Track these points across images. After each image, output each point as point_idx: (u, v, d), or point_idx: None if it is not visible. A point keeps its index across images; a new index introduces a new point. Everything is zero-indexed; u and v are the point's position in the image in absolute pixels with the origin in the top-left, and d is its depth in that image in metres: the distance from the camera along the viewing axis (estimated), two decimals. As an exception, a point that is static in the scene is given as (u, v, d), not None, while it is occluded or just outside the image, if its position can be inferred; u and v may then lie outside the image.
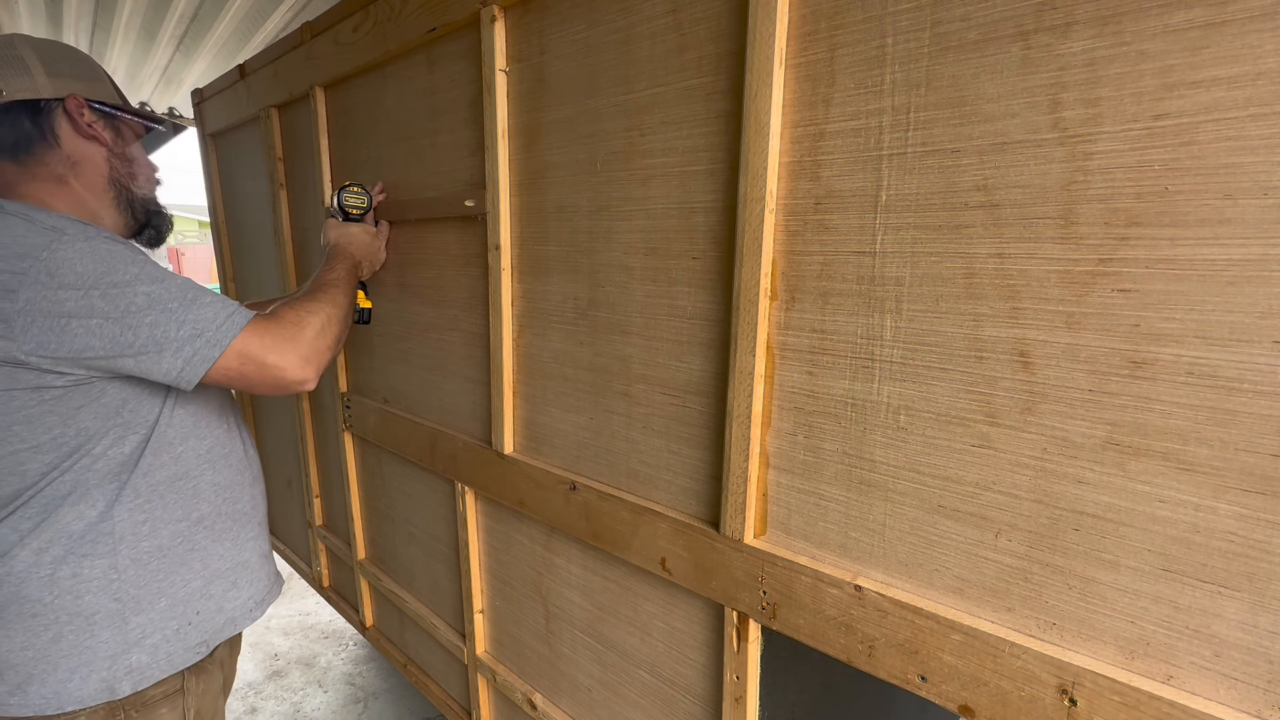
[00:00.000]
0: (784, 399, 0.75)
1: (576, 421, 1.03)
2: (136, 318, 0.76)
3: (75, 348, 0.74)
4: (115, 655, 0.83)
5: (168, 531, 0.88)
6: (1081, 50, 0.52)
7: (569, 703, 1.17)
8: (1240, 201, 0.47)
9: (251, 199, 1.95)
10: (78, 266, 0.73)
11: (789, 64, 0.69)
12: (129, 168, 0.95)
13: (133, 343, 0.76)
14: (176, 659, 0.89)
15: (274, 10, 2.87)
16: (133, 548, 0.85)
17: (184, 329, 0.78)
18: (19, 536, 0.79)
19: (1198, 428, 0.50)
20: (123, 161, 0.94)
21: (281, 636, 2.52)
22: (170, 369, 0.79)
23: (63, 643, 0.81)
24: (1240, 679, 0.51)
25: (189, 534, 0.91)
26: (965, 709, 0.64)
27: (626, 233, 0.90)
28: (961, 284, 0.60)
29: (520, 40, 0.99)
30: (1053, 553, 0.59)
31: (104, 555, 0.82)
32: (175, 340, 0.78)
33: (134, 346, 0.76)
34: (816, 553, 0.75)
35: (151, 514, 0.86)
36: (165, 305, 0.78)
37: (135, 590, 0.85)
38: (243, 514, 1.00)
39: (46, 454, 0.78)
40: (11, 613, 0.79)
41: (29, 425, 0.76)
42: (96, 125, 0.90)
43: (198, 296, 0.81)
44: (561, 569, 1.12)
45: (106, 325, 0.75)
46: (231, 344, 0.81)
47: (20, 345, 0.72)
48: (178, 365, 0.79)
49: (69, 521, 0.80)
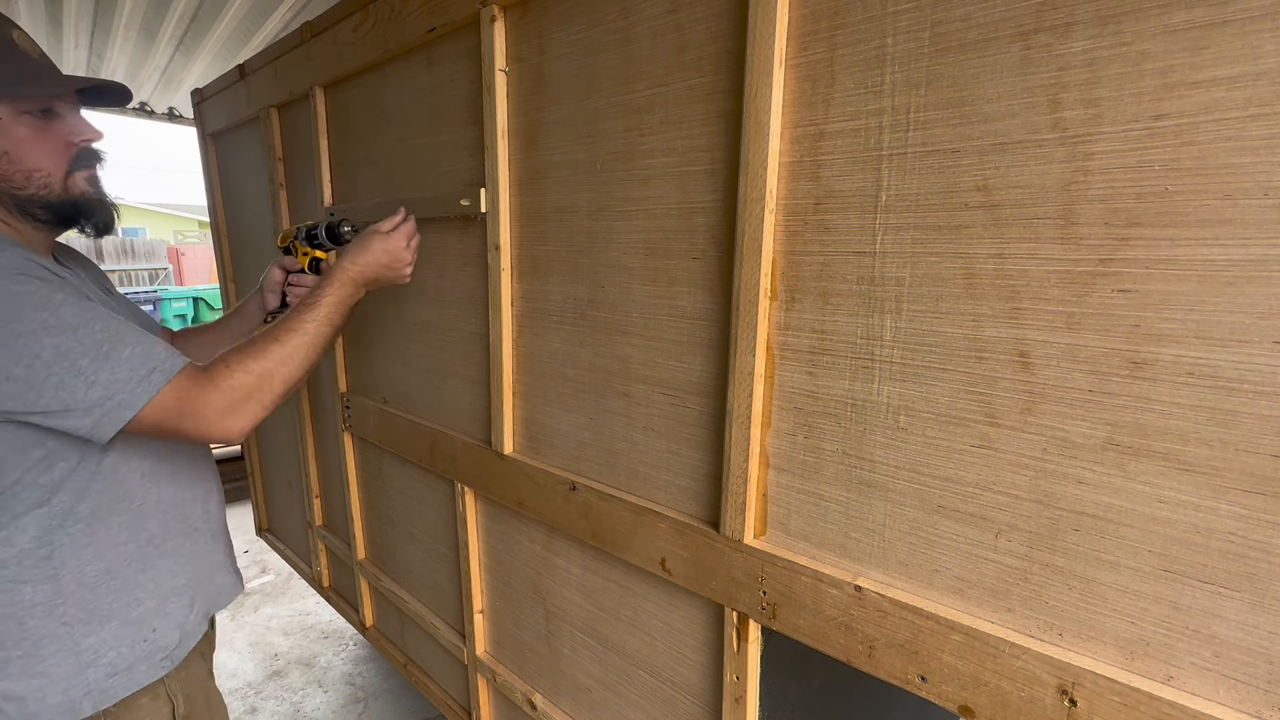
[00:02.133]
0: (784, 399, 0.75)
1: (576, 421, 1.03)
2: (41, 375, 0.70)
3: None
4: (70, 676, 0.81)
5: (114, 554, 0.85)
6: (1081, 50, 0.52)
7: (569, 703, 1.17)
8: (1240, 202, 0.46)
9: (251, 199, 1.95)
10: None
11: (789, 64, 0.69)
12: (4, 167, 0.78)
13: (36, 402, 0.70)
14: (140, 675, 0.86)
15: (274, 10, 2.87)
16: (76, 572, 0.81)
17: (93, 390, 0.72)
18: None
19: (1198, 428, 0.50)
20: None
21: (281, 636, 2.52)
22: (79, 428, 0.73)
23: (11, 668, 0.79)
24: (1240, 679, 0.51)
25: (138, 555, 0.87)
26: (965, 709, 0.64)
27: (626, 233, 0.90)
28: (961, 284, 0.60)
29: (520, 40, 0.99)
30: (1053, 553, 0.59)
31: (45, 581, 0.79)
32: (83, 402, 0.72)
33: (38, 405, 0.71)
34: (816, 553, 0.75)
35: (95, 538, 0.83)
36: (74, 361, 0.71)
37: (82, 613, 0.82)
38: (194, 529, 0.95)
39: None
40: None
41: None
42: None
43: (114, 349, 0.73)
44: (561, 569, 1.12)
45: (7, 384, 0.69)
46: (145, 407, 0.75)
47: None
48: (86, 425, 0.73)
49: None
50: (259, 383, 0.84)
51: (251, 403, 0.83)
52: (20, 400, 0.70)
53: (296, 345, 0.90)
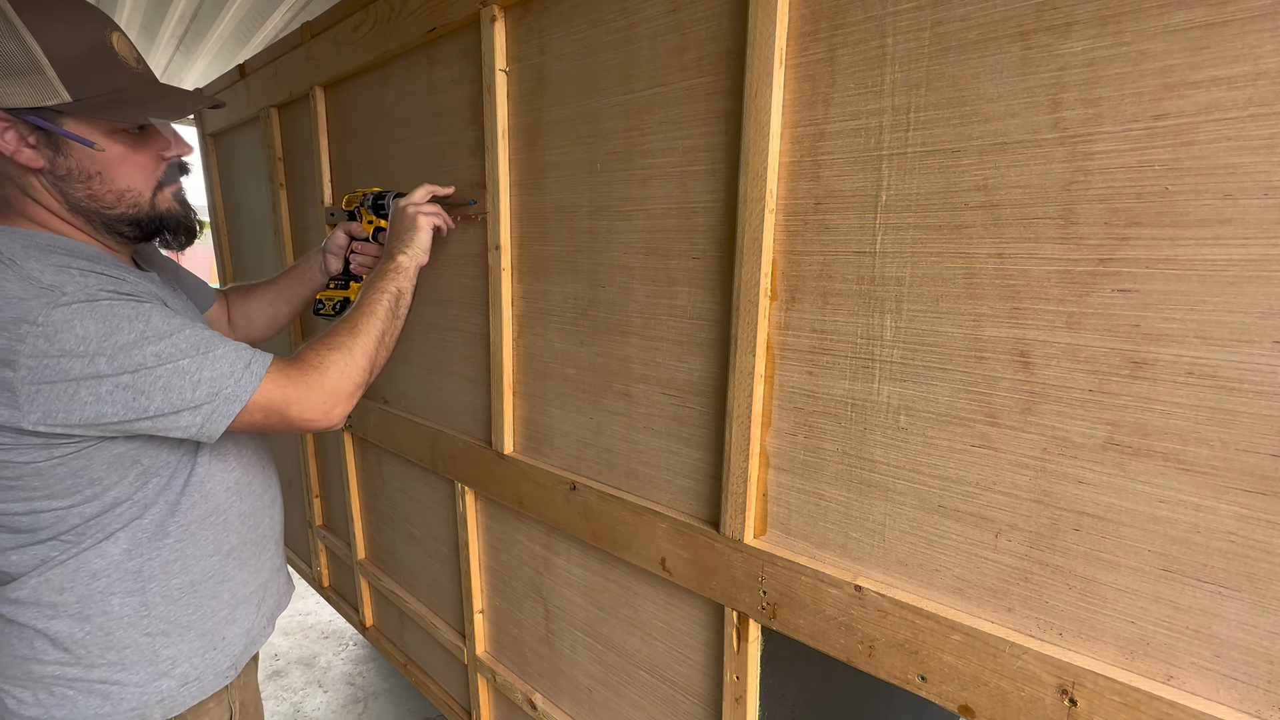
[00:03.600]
0: (784, 399, 0.75)
1: (576, 421, 1.03)
2: (148, 380, 0.70)
3: (86, 416, 0.69)
4: (144, 684, 0.83)
5: (199, 568, 0.86)
6: (1082, 50, 0.52)
7: (569, 703, 1.17)
8: (1240, 201, 0.47)
9: (251, 199, 1.95)
10: (78, 330, 0.67)
11: (789, 64, 0.69)
12: (86, 188, 0.76)
13: (147, 408, 0.71)
14: (207, 685, 0.88)
15: (274, 10, 2.87)
16: (163, 585, 0.83)
17: (199, 389, 0.73)
18: (42, 574, 0.77)
19: (1198, 428, 0.50)
20: (72, 183, 0.75)
21: (281, 636, 2.52)
22: (189, 427, 0.74)
23: (94, 673, 0.80)
24: (1240, 679, 0.51)
25: (219, 568, 0.89)
26: (965, 709, 0.64)
27: (626, 233, 0.90)
28: (961, 284, 0.60)
29: (520, 40, 0.99)
30: (1053, 553, 0.59)
31: (134, 593, 0.81)
32: (191, 401, 0.73)
33: (149, 411, 0.71)
34: (816, 553, 0.75)
35: (183, 552, 0.84)
36: (176, 363, 0.72)
37: (164, 625, 0.84)
38: (264, 537, 0.97)
39: (61, 499, 0.74)
40: (41, 644, 0.78)
41: (40, 478, 0.72)
42: (27, 144, 0.72)
43: (210, 347, 0.75)
44: (561, 569, 1.12)
45: (118, 391, 0.69)
46: (252, 398, 0.76)
47: (26, 416, 0.67)
48: (196, 423, 0.74)
49: (90, 559, 0.78)
50: (354, 370, 0.87)
51: (350, 385, 0.86)
52: (131, 408, 0.71)
53: (379, 330, 0.93)
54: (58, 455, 0.72)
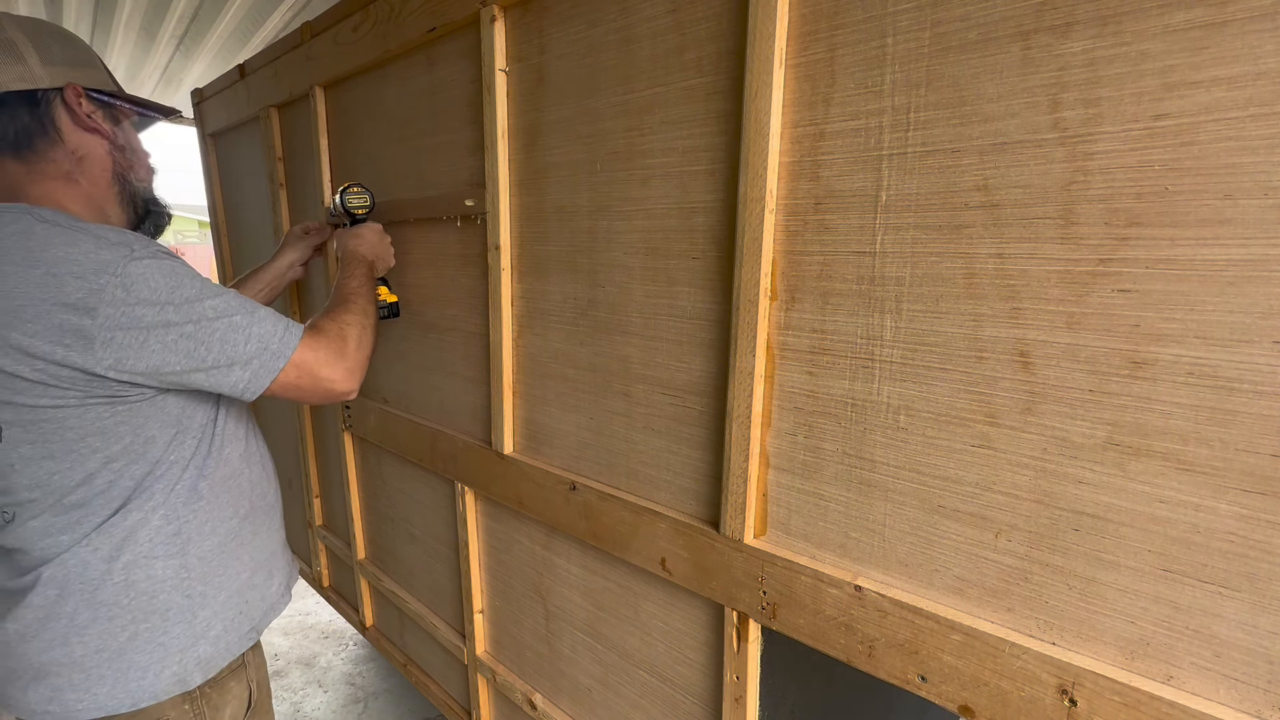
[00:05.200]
0: (784, 399, 0.75)
1: (576, 421, 1.03)
2: (208, 330, 0.77)
3: (153, 363, 0.75)
4: (185, 648, 0.86)
5: (224, 529, 0.91)
6: (1082, 50, 0.52)
7: (569, 703, 1.17)
8: (1240, 201, 0.47)
9: (251, 199, 1.95)
10: (151, 281, 0.74)
11: (789, 64, 0.69)
12: (129, 159, 0.91)
13: (205, 358, 0.78)
14: (234, 646, 0.92)
15: (274, 10, 2.87)
16: (199, 546, 0.87)
17: (250, 344, 0.80)
18: (89, 544, 0.80)
19: (1198, 428, 0.50)
20: (123, 153, 0.90)
21: (281, 636, 2.52)
22: (239, 382, 0.81)
23: (138, 640, 0.83)
24: (1240, 679, 0.51)
25: (239, 530, 0.94)
26: (965, 709, 0.64)
27: (626, 233, 0.90)
28: (961, 284, 0.60)
29: (520, 40, 0.99)
30: (1053, 553, 0.59)
31: (175, 556, 0.85)
32: (243, 355, 0.80)
33: (207, 361, 0.78)
34: (816, 553, 0.75)
35: (212, 514, 0.89)
36: (232, 318, 0.79)
37: (202, 586, 0.88)
38: (270, 506, 1.03)
39: (116, 463, 0.79)
40: (85, 618, 0.80)
41: (103, 437, 0.77)
42: (96, 116, 0.86)
43: (255, 308, 0.83)
44: (561, 569, 1.12)
45: (182, 341, 0.76)
46: (291, 357, 0.84)
47: (100, 360, 0.72)
48: (245, 378, 0.81)
49: (136, 526, 0.82)
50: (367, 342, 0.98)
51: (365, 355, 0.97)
52: (192, 356, 0.77)
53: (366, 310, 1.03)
54: (120, 410, 0.77)
